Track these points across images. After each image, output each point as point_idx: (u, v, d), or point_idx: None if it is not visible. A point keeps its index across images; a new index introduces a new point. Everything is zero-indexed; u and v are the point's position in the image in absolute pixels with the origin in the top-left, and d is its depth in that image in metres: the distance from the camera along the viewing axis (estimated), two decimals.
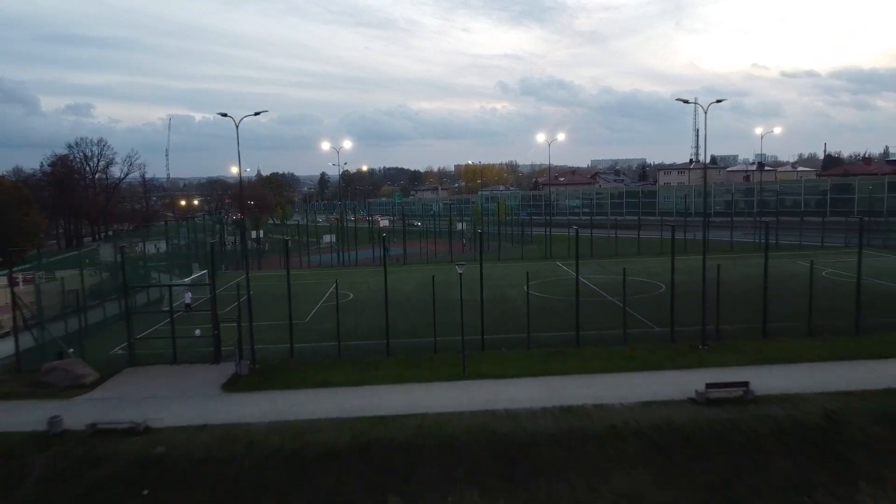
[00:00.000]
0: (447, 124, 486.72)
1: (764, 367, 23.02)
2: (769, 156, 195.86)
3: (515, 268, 45.66)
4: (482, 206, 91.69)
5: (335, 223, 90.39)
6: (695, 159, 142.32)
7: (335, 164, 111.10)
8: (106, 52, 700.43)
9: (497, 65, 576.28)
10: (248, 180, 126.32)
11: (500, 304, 34.15)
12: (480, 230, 42.87)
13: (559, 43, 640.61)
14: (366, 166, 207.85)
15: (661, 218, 70.46)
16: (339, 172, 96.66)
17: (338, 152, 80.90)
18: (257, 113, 31.79)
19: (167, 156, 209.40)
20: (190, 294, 37.06)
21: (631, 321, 28.40)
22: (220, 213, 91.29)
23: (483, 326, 26.39)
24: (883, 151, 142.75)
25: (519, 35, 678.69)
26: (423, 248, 60.94)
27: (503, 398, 20.77)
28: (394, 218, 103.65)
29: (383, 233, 50.28)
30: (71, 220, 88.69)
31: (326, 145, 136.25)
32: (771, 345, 25.55)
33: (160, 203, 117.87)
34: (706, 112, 28.64)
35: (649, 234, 59.14)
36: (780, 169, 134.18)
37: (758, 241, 51.31)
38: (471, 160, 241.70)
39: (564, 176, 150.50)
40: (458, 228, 76.62)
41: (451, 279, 28.41)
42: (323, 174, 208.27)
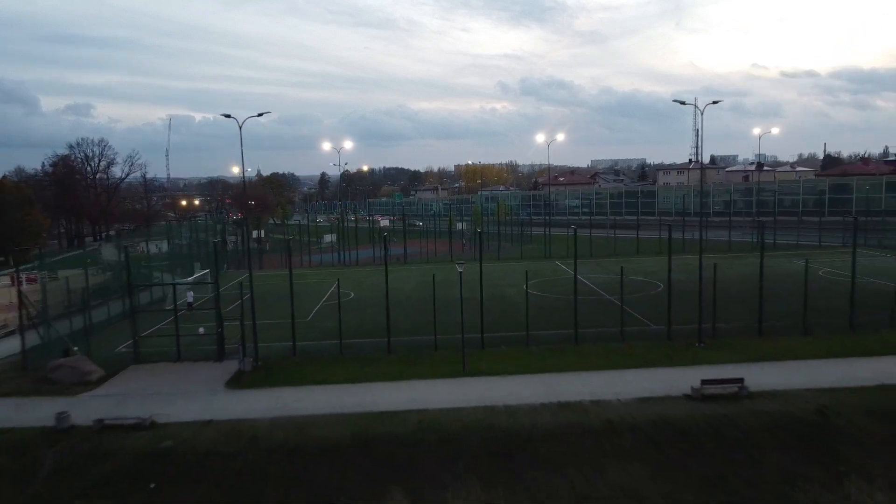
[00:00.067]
0: (447, 124, 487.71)
1: (759, 365, 23.31)
2: (769, 156, 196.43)
3: (515, 267, 45.97)
4: (482, 206, 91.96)
5: (335, 223, 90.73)
6: (694, 159, 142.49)
7: (336, 164, 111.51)
8: (106, 52, 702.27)
9: (497, 65, 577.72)
10: (249, 180, 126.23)
11: (499, 303, 34.50)
12: (480, 230, 43.19)
13: (559, 43, 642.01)
14: (366, 166, 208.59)
15: (660, 218, 70.79)
16: (339, 172, 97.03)
17: (338, 152, 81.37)
18: (261, 114, 32.17)
19: (167, 156, 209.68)
20: (192, 293, 37.40)
21: (629, 319, 28.73)
22: (221, 213, 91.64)
23: (483, 325, 26.72)
24: (883, 151, 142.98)
25: (519, 35, 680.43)
26: (424, 248, 61.25)
27: (502, 394, 21.09)
28: (394, 218, 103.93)
29: (384, 232, 50.62)
30: (72, 220, 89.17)
31: (327, 145, 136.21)
32: (766, 342, 25.86)
33: (161, 203, 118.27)
34: (702, 113, 29.05)
35: (648, 233, 59.38)
36: (779, 169, 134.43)
37: (755, 240, 51.64)
38: (471, 160, 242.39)
39: (564, 176, 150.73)
40: (458, 228, 76.87)
41: (451, 278, 28.74)
42: (323, 174, 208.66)
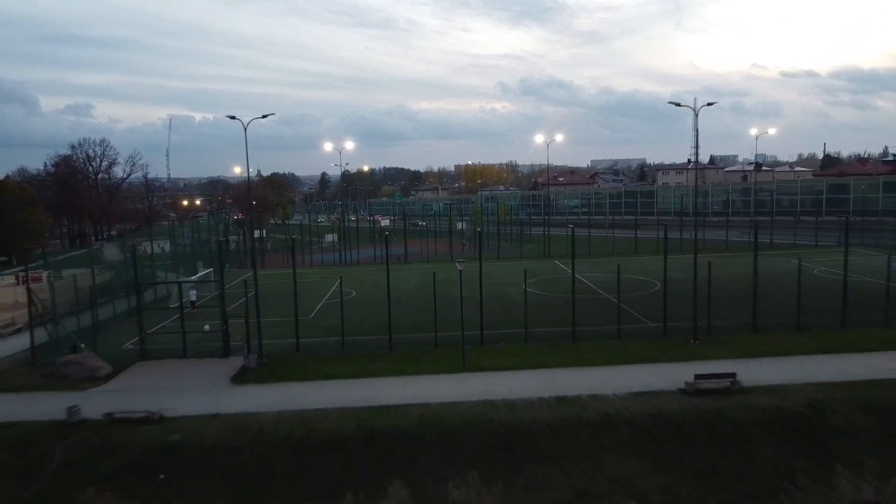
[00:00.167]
0: (447, 124, 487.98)
1: (752, 360, 23.74)
2: (769, 156, 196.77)
3: (514, 266, 46.35)
4: (482, 206, 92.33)
5: (336, 223, 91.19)
6: (693, 159, 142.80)
7: (337, 165, 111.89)
8: (106, 52, 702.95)
9: (497, 65, 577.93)
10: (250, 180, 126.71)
11: (499, 302, 34.98)
12: (480, 229, 43.65)
13: (559, 43, 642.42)
14: (366, 166, 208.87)
15: (659, 218, 71.26)
16: (341, 172, 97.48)
17: (340, 153, 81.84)
18: (265, 116, 32.74)
19: (167, 156, 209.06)
20: (195, 291, 37.81)
21: (626, 317, 29.17)
22: (221, 213, 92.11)
23: (482, 322, 27.20)
24: (882, 151, 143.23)
25: (519, 35, 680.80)
26: (424, 247, 61.67)
27: (501, 389, 21.53)
28: (394, 218, 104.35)
29: (385, 232, 51.07)
30: (74, 220, 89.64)
31: (328, 146, 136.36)
32: (760, 339, 26.30)
33: (162, 203, 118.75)
34: (697, 114, 29.54)
35: (647, 233, 59.81)
36: (778, 169, 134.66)
37: (752, 240, 52.02)
38: (471, 160, 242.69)
39: (564, 176, 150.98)
40: (458, 228, 77.27)
41: (452, 277, 29.17)
42: (324, 174, 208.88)
